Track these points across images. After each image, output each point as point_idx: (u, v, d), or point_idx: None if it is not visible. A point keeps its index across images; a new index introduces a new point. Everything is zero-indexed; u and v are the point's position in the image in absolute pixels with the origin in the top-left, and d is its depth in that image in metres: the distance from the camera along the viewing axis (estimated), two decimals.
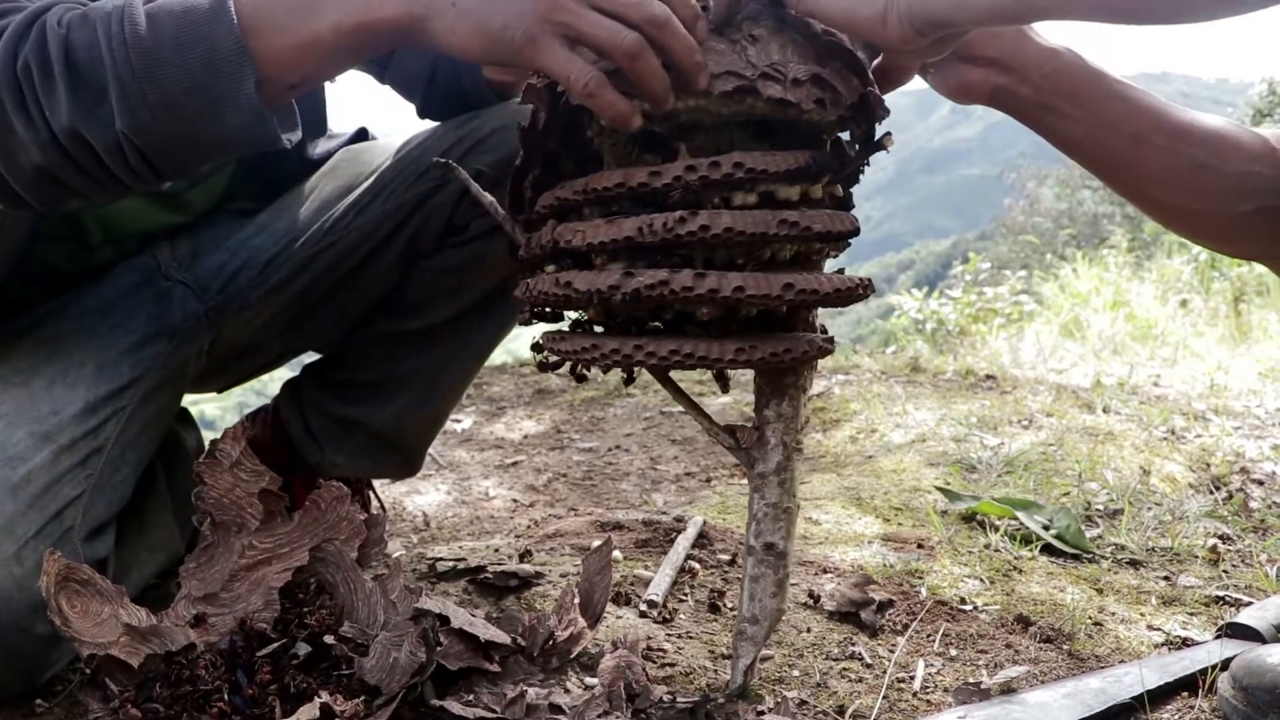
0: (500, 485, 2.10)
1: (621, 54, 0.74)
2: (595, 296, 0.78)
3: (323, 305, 1.27)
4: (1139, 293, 5.70)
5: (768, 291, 0.75)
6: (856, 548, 1.42)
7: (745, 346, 0.78)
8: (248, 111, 0.79)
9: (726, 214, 0.75)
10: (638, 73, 0.75)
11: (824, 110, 0.79)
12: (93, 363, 1.15)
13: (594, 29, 0.74)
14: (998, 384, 2.73)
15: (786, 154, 0.78)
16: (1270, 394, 2.80)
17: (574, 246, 0.80)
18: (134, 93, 0.78)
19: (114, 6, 0.79)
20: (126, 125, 0.78)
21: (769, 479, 0.87)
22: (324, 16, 0.78)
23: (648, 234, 0.76)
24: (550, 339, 0.87)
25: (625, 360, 0.79)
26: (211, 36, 0.77)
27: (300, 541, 1.07)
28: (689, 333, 0.81)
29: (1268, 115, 16.14)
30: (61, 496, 1.06)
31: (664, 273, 0.76)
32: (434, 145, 1.21)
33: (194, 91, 0.78)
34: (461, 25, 0.77)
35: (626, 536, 1.43)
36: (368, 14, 0.78)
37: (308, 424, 1.39)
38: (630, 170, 0.78)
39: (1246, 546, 1.55)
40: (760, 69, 0.77)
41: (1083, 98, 0.91)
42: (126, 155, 0.80)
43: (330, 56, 0.80)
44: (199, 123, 0.80)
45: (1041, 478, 1.80)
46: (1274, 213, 0.92)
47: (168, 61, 0.77)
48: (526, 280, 0.88)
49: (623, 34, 0.74)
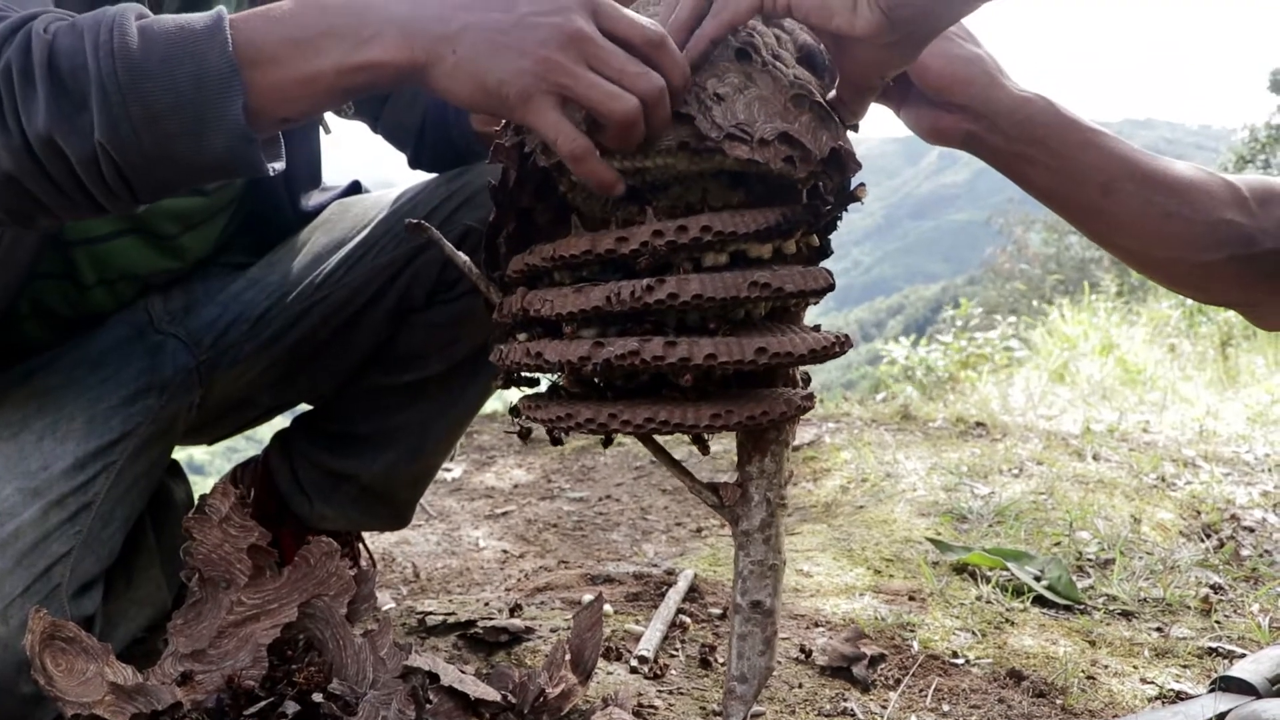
0: (490, 535, 2.09)
1: (614, 122, 0.74)
2: (566, 367, 0.77)
3: (314, 359, 1.28)
4: (1128, 337, 5.74)
5: (740, 357, 0.75)
6: (848, 600, 1.41)
7: (721, 411, 0.77)
8: (232, 134, 0.76)
9: (695, 280, 0.74)
10: (624, 140, 0.75)
11: (793, 167, 0.78)
12: (83, 416, 1.15)
13: (590, 91, 0.73)
14: (988, 431, 2.74)
15: (756, 213, 0.77)
16: (1259, 439, 2.81)
17: (543, 315, 0.79)
18: (117, 104, 0.75)
19: (106, 16, 0.77)
20: (106, 137, 0.76)
21: (754, 536, 0.86)
22: (326, 55, 0.76)
23: (616, 303, 0.75)
24: (528, 405, 0.86)
25: (601, 429, 0.79)
26: (203, 55, 0.75)
27: (289, 597, 1.06)
28: (665, 396, 0.81)
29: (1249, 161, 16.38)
30: (50, 553, 1.05)
31: (634, 342, 0.75)
32: (425, 200, 1.23)
33: (179, 108, 0.75)
34: (459, 74, 0.75)
35: (617, 590, 1.42)
36: (370, 56, 0.76)
37: (297, 476, 1.39)
38: (597, 236, 0.78)
39: (1239, 596, 1.55)
40: (726, 130, 0.76)
41: (1054, 145, 0.91)
42: (102, 169, 0.78)
43: (327, 94, 0.78)
44: (181, 141, 0.77)
45: (1032, 527, 1.80)
46: (1246, 261, 0.92)
47: (155, 75, 0.75)
48: (499, 346, 0.87)
49: (623, 101, 0.73)
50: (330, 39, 0.76)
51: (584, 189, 0.89)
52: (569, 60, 0.73)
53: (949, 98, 0.91)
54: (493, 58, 0.74)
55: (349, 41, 0.76)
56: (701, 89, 0.78)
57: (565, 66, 0.73)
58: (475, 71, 0.75)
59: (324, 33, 0.76)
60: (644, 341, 0.75)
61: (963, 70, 0.91)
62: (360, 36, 0.76)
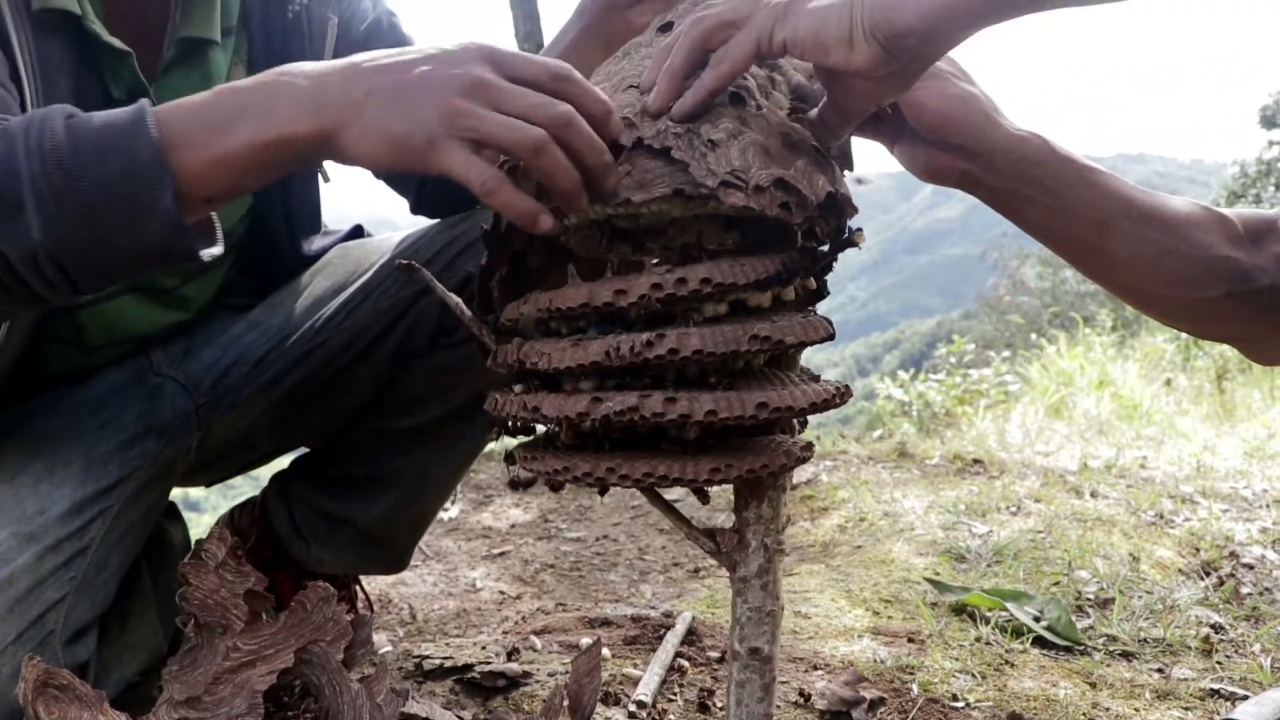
0: (488, 576, 2.08)
1: (523, 151, 0.74)
2: (564, 422, 0.77)
3: (313, 403, 1.28)
4: (1123, 372, 5.75)
5: (741, 413, 0.74)
6: (847, 642, 1.41)
7: (721, 465, 0.77)
8: (166, 223, 0.78)
9: (695, 335, 0.74)
10: (542, 171, 0.75)
11: (789, 213, 0.77)
12: (80, 461, 1.15)
13: (494, 128, 0.74)
14: (985, 468, 2.74)
15: (756, 261, 0.77)
16: (1257, 474, 2.81)
17: (540, 369, 0.79)
18: (50, 203, 0.76)
19: (33, 119, 0.79)
20: (43, 236, 0.77)
21: (751, 583, 0.86)
22: (238, 133, 0.78)
23: (615, 358, 0.74)
24: (524, 456, 0.85)
25: (599, 482, 0.78)
26: (131, 148, 0.76)
27: (285, 643, 1.06)
28: (664, 449, 0.80)
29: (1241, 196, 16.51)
30: (44, 600, 1.05)
31: (633, 398, 0.74)
32: (426, 245, 1.24)
33: (112, 202, 0.77)
34: (367, 135, 0.76)
35: (615, 633, 1.41)
36: (280, 130, 0.78)
37: (294, 519, 1.39)
38: (594, 288, 0.77)
39: (1240, 635, 1.54)
40: (720, 177, 0.75)
41: (1050, 184, 0.91)
42: (42, 267, 0.79)
43: (245, 172, 0.80)
44: (117, 234, 0.78)
45: (1031, 566, 1.80)
46: (1243, 297, 0.93)
47: (86, 173, 0.76)
48: (495, 396, 0.86)
49: (525, 131, 0.73)
50: (241, 118, 0.78)
51: (577, 230, 0.89)
52: (472, 104, 0.74)
53: (945, 137, 0.92)
54: (397, 113, 0.75)
55: (259, 119, 0.78)
56: (695, 134, 0.78)
57: (468, 109, 0.74)
58: (381, 129, 0.76)
59: (236, 113, 0.78)
60: (643, 397, 0.74)
61: (959, 110, 0.91)
62: (270, 113, 0.78)
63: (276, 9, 1.20)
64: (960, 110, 0.91)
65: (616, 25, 1.09)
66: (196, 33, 1.13)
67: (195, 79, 1.15)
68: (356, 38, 1.26)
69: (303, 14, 1.20)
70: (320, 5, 1.22)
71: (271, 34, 1.20)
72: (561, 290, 0.79)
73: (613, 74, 0.89)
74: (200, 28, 1.13)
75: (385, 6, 1.31)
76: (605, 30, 1.10)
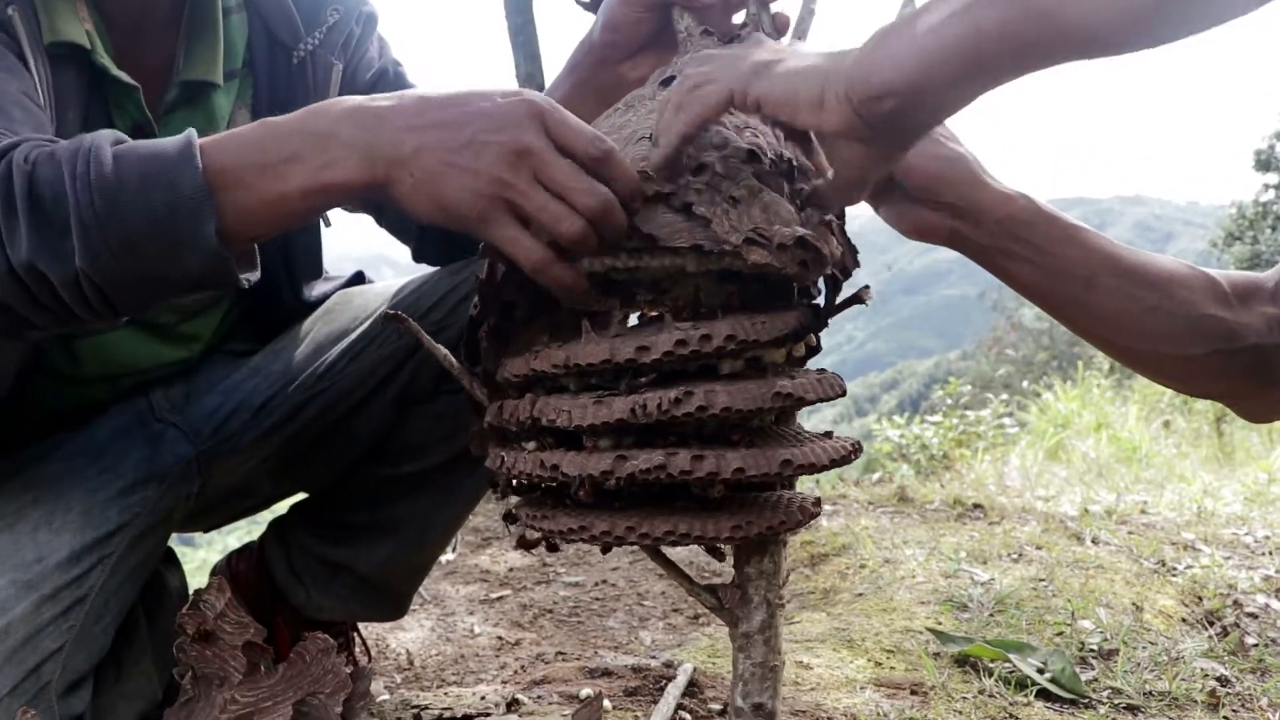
0: (485, 621, 2.06)
1: (567, 240, 0.76)
2: (586, 481, 0.76)
3: (314, 449, 1.28)
4: (1122, 414, 5.75)
5: (767, 470, 0.74)
6: (849, 694, 1.39)
7: (742, 523, 0.76)
8: (207, 254, 0.80)
9: (723, 392, 0.74)
10: (577, 250, 0.78)
11: (807, 271, 0.78)
12: (80, 507, 1.14)
13: (540, 212, 0.76)
14: (985, 514, 2.73)
15: (774, 318, 0.78)
16: (1258, 520, 2.80)
17: (558, 427, 0.78)
18: (95, 231, 0.79)
19: (81, 145, 0.81)
20: (86, 263, 0.79)
21: (754, 638, 0.85)
22: (291, 179, 0.80)
23: (641, 416, 0.74)
24: (532, 515, 0.83)
25: (618, 541, 0.77)
26: (175, 182, 0.78)
27: (284, 695, 1.05)
28: (679, 506, 0.80)
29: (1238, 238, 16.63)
30: (41, 650, 1.04)
31: (659, 456, 0.73)
32: (428, 292, 1.24)
33: (155, 234, 0.79)
34: (419, 195, 0.79)
35: (615, 683, 1.40)
36: (331, 177, 0.80)
37: (293, 565, 1.38)
38: (615, 345, 0.77)
39: (1246, 689, 1.53)
40: (744, 233, 0.76)
41: (1037, 241, 0.92)
42: (85, 292, 0.81)
43: (294, 214, 0.83)
44: (158, 263, 0.81)
45: (1033, 616, 1.78)
46: (1229, 355, 0.93)
47: (131, 203, 0.79)
48: (500, 454, 0.84)
49: (571, 222, 0.76)
50: (294, 164, 0.80)
51: None
52: (519, 180, 0.76)
53: (934, 196, 0.93)
54: (447, 180, 0.77)
55: (312, 165, 0.80)
56: (717, 190, 0.78)
57: (515, 186, 0.76)
58: (433, 194, 0.78)
59: (288, 158, 0.80)
60: (670, 455, 0.73)
61: (946, 169, 0.92)
62: (322, 161, 0.80)
63: (281, 54, 1.22)
64: (949, 170, 0.92)
65: (610, 79, 1.10)
66: (199, 75, 1.15)
67: (199, 120, 1.16)
68: (362, 86, 1.27)
69: (307, 60, 1.22)
70: (326, 51, 1.23)
71: (276, 78, 1.22)
72: (579, 346, 0.78)
73: (619, 125, 0.90)
74: (203, 71, 1.15)
75: (391, 56, 1.33)
76: (599, 83, 1.11)
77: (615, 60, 1.09)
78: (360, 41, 1.27)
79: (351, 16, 1.25)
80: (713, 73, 0.78)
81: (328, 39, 1.22)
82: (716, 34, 0.97)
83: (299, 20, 1.21)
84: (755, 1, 0.96)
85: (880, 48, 0.69)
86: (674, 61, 0.96)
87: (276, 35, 1.21)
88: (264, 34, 1.21)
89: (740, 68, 0.77)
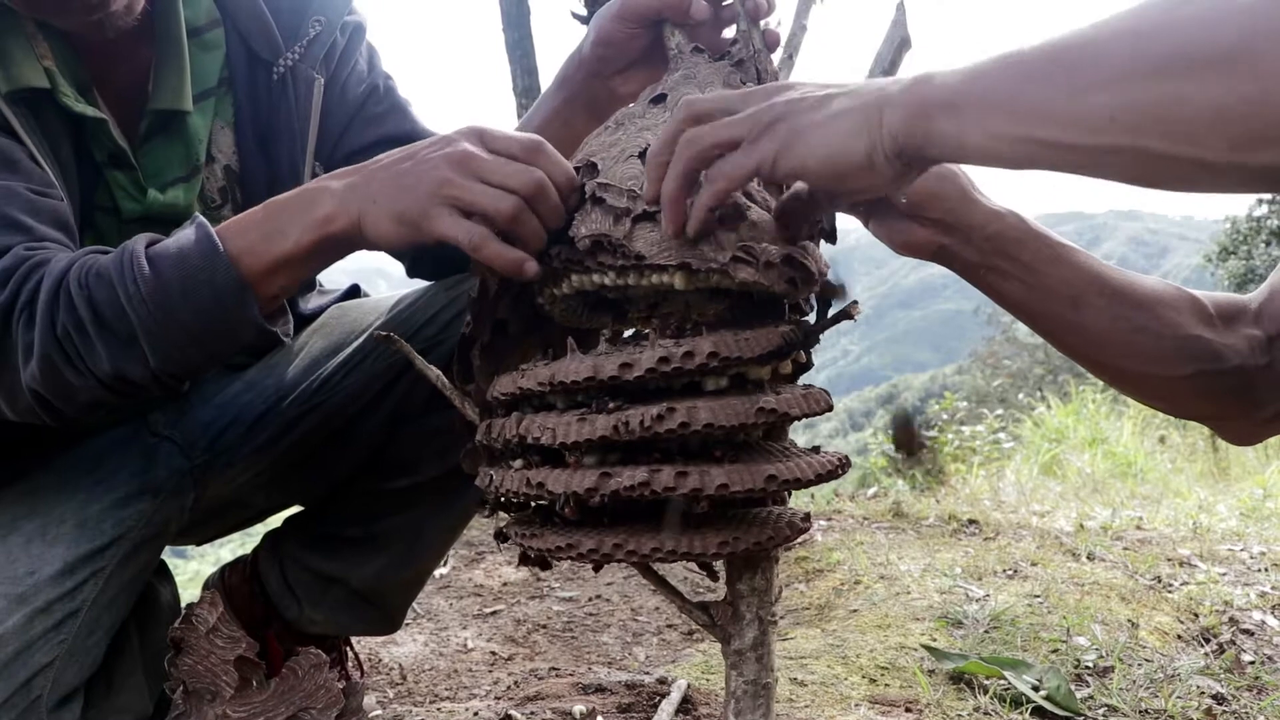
0: (479, 636, 2.05)
1: (502, 219, 0.84)
2: (571, 498, 0.76)
3: (309, 463, 1.27)
4: (1117, 429, 5.75)
5: (752, 485, 0.74)
6: (843, 711, 1.39)
7: (729, 539, 0.76)
8: (255, 329, 0.94)
9: (705, 408, 0.74)
10: (517, 234, 0.85)
11: (795, 288, 0.78)
12: (73, 519, 1.14)
13: (477, 197, 0.85)
14: (980, 529, 2.73)
15: (759, 335, 0.77)
16: (1253, 536, 2.80)
17: (543, 444, 0.78)
18: (159, 338, 0.91)
19: (122, 260, 0.92)
20: (158, 363, 0.93)
21: (746, 655, 0.85)
22: (288, 237, 0.91)
23: (624, 433, 0.74)
24: (521, 534, 0.83)
25: (605, 559, 0.77)
26: (212, 280, 0.91)
27: (275, 710, 1.04)
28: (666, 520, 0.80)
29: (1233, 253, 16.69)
30: (33, 664, 1.03)
31: (643, 473, 0.73)
32: (423, 307, 1.24)
33: (209, 328, 0.92)
34: (381, 219, 0.88)
35: (609, 700, 1.39)
36: (321, 229, 0.91)
37: (287, 578, 1.37)
38: (599, 362, 0.76)
39: (1243, 707, 1.53)
40: (731, 251, 0.76)
41: (1025, 259, 0.93)
42: (163, 380, 0.95)
43: (300, 267, 0.94)
44: (218, 345, 0.95)
45: (1029, 632, 1.78)
46: (1213, 376, 0.93)
47: (180, 307, 0.91)
48: (489, 472, 0.85)
49: (504, 199, 0.84)
50: (290, 225, 0.92)
51: (562, 301, 0.89)
52: (459, 176, 0.86)
53: (924, 212, 0.93)
54: (400, 194, 0.88)
55: (302, 223, 0.91)
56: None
57: (455, 181, 0.86)
58: (390, 211, 0.88)
59: (286, 222, 0.92)
60: (653, 472, 0.73)
61: (936, 186, 0.92)
62: (310, 218, 0.91)
63: (261, 70, 1.21)
64: (939, 187, 0.92)
65: (600, 93, 1.11)
66: (167, 105, 1.14)
67: (177, 147, 1.17)
68: (353, 100, 1.27)
69: (288, 75, 1.21)
70: (307, 65, 1.22)
71: (258, 95, 1.21)
72: (563, 363, 0.79)
73: (609, 144, 0.90)
74: (171, 100, 1.14)
75: (382, 69, 1.32)
76: (589, 98, 1.11)
77: (606, 74, 1.09)
78: (346, 53, 1.26)
79: (335, 27, 1.23)
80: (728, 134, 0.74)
81: (309, 52, 1.21)
82: (707, 50, 0.98)
83: (278, 35, 1.20)
84: (745, 18, 0.96)
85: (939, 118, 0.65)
86: (664, 79, 0.96)
87: (255, 50, 1.20)
88: (243, 49, 1.20)
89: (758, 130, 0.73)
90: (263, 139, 1.22)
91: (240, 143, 1.22)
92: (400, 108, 1.30)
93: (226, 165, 1.22)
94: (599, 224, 0.82)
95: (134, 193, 1.14)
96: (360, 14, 1.29)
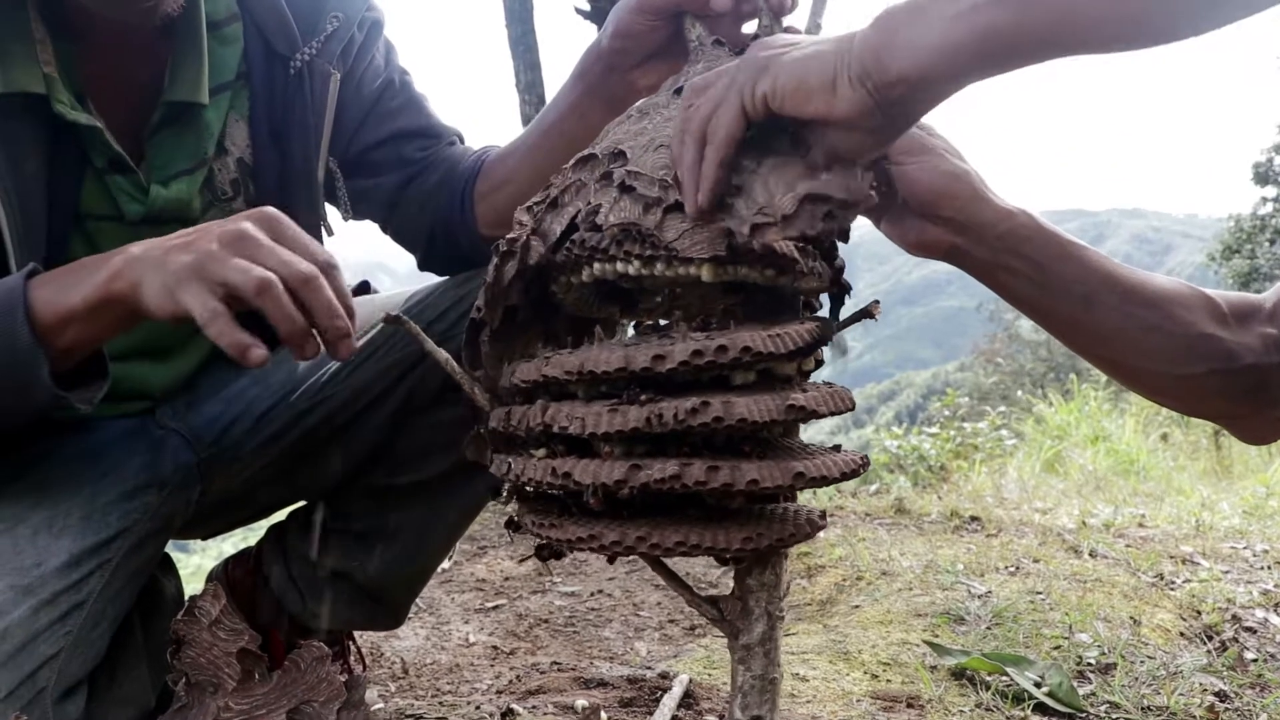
0: (480, 630, 2.06)
1: (246, 291, 0.84)
2: (599, 489, 0.75)
3: (315, 458, 1.27)
4: (1119, 426, 5.75)
5: (781, 482, 0.73)
6: (845, 706, 1.39)
7: (753, 534, 0.76)
8: (47, 391, 0.92)
9: (739, 404, 0.73)
10: (265, 311, 0.85)
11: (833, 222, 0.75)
12: (80, 512, 1.14)
13: (228, 273, 0.85)
14: (983, 526, 2.73)
15: (790, 331, 0.77)
16: (1256, 534, 2.80)
17: (571, 434, 0.77)
18: None
19: None
20: None
21: (754, 650, 0.85)
22: (78, 291, 0.91)
23: (657, 425, 0.73)
24: (539, 524, 0.83)
25: (628, 551, 0.76)
26: (12, 332, 0.90)
27: (278, 703, 1.04)
28: (689, 515, 0.79)
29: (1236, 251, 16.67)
30: (38, 655, 1.03)
31: (674, 466, 0.73)
32: (433, 303, 1.24)
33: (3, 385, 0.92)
34: (151, 290, 0.88)
35: (610, 694, 1.39)
36: (105, 287, 0.90)
37: (291, 573, 1.37)
38: (630, 353, 0.75)
39: (1245, 704, 1.53)
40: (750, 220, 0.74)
41: (1036, 258, 0.92)
42: None
43: (86, 323, 0.92)
44: (11, 400, 0.94)
45: (1031, 629, 1.78)
46: (1226, 375, 0.93)
47: None
48: (507, 460, 0.84)
49: (250, 272, 0.84)
50: (84, 280, 0.91)
51: (574, 291, 0.89)
52: (225, 253, 0.86)
53: (936, 211, 0.93)
54: (170, 266, 0.87)
55: (90, 282, 0.91)
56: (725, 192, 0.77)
57: (216, 255, 0.85)
58: (160, 280, 0.88)
59: (82, 278, 0.92)
60: (684, 465, 0.73)
61: (948, 185, 0.92)
62: (101, 274, 0.91)
63: (279, 64, 1.21)
64: (951, 186, 0.92)
65: (619, 86, 1.10)
66: (183, 97, 1.14)
67: (188, 139, 1.16)
68: (368, 94, 1.27)
69: (304, 70, 1.21)
70: (324, 60, 1.22)
71: (274, 89, 1.21)
72: (593, 352, 0.78)
73: (635, 132, 0.88)
74: (187, 92, 1.14)
75: (398, 64, 1.32)
76: (608, 90, 1.10)
77: (625, 67, 1.08)
78: (364, 48, 1.27)
79: (353, 22, 1.24)
80: (715, 89, 0.76)
81: (326, 47, 1.21)
82: (728, 44, 0.97)
83: (295, 29, 1.20)
84: (768, 13, 0.96)
85: (896, 33, 0.67)
86: (685, 70, 0.96)
87: (273, 45, 1.20)
88: (260, 44, 1.20)
89: (741, 70, 0.75)
90: (277, 133, 1.22)
91: (254, 136, 1.21)
92: (416, 102, 1.30)
93: (240, 158, 1.22)
94: (628, 212, 0.80)
95: (136, 194, 1.14)
96: (378, 9, 1.29)
